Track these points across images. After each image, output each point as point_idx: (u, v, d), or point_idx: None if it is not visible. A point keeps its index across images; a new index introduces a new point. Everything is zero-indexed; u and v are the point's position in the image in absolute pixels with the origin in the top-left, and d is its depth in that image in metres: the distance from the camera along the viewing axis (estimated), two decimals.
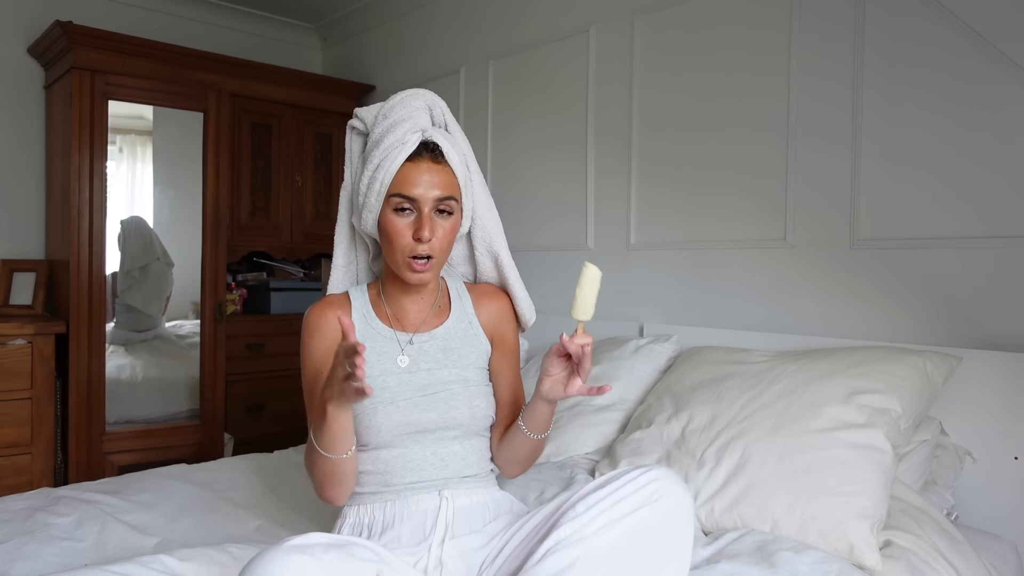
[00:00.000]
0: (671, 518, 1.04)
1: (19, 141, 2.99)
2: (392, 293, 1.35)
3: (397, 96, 1.27)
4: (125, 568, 1.19)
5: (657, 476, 1.05)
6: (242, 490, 1.75)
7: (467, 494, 1.27)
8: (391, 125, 1.24)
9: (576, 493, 1.10)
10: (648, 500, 1.03)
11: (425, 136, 1.24)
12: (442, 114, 1.30)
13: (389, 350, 1.31)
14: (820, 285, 1.92)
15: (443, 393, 1.28)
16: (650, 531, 1.02)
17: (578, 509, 1.04)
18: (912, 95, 1.75)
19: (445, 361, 1.32)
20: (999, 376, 1.59)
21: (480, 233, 1.40)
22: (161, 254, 3.07)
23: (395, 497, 1.25)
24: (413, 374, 1.29)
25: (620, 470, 1.10)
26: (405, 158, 1.22)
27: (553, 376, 1.23)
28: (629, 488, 1.04)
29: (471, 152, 1.34)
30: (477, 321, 1.39)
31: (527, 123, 2.74)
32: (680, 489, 1.06)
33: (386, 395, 1.26)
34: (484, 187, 1.39)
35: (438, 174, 1.24)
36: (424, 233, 1.21)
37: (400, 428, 1.25)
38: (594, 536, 1.01)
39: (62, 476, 2.73)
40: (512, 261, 1.44)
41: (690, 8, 2.20)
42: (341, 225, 1.42)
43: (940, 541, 1.35)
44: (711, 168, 2.16)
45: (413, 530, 1.22)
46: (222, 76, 3.03)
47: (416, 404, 1.26)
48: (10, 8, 2.96)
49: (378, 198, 1.24)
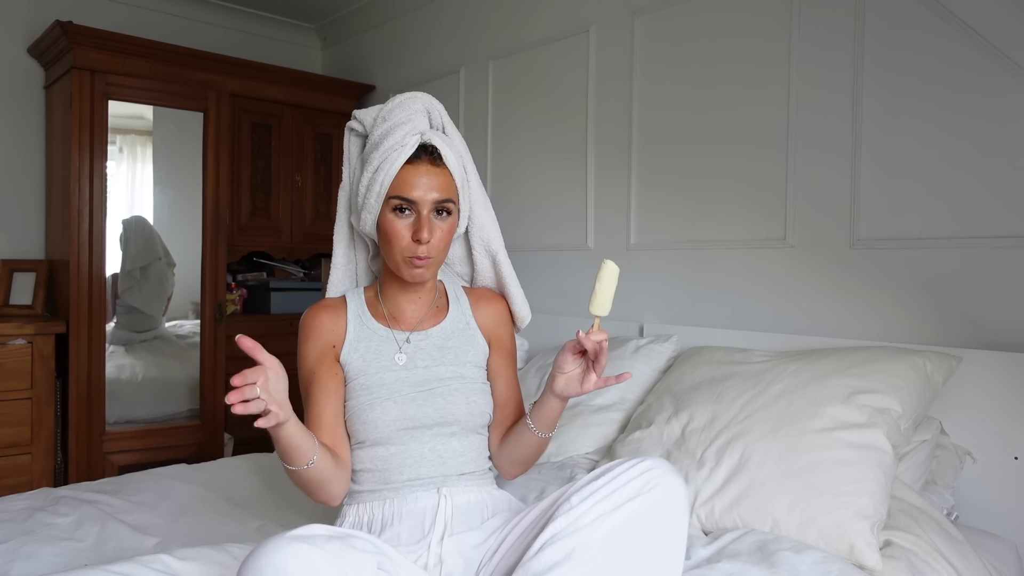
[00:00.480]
0: (664, 506, 1.04)
1: (19, 141, 2.99)
2: (390, 292, 1.37)
3: (396, 99, 1.29)
4: (125, 568, 1.19)
5: (650, 466, 1.06)
6: (242, 490, 1.75)
7: (465, 491, 1.28)
8: (390, 128, 1.25)
9: (572, 486, 1.10)
10: (642, 490, 1.04)
11: (424, 139, 1.25)
12: (440, 117, 1.32)
13: (385, 349, 1.33)
14: (820, 285, 1.92)
15: (440, 389, 1.30)
16: (645, 520, 1.03)
17: (573, 501, 1.05)
18: (912, 95, 1.75)
19: (442, 359, 1.34)
20: (999, 376, 1.59)
21: (478, 233, 1.42)
22: (163, 254, 3.07)
23: (394, 495, 1.26)
24: (410, 371, 1.31)
25: (614, 462, 1.11)
26: (404, 161, 1.24)
27: (568, 373, 1.24)
28: (623, 479, 1.05)
29: (468, 154, 1.36)
30: (475, 322, 1.41)
31: (527, 123, 2.74)
32: (673, 478, 1.06)
33: (383, 391, 1.28)
34: (480, 187, 1.40)
35: (436, 177, 1.26)
36: (423, 235, 1.23)
37: (397, 423, 1.26)
38: (589, 527, 1.02)
39: (62, 476, 2.73)
40: (509, 260, 1.46)
41: (690, 8, 2.20)
42: (340, 225, 1.43)
43: (940, 541, 1.35)
44: (711, 168, 2.16)
45: (412, 527, 1.23)
46: (222, 76, 3.03)
47: (413, 399, 1.28)
48: (10, 8, 2.96)
49: (377, 200, 1.26)
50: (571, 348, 1.23)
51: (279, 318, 3.26)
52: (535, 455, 1.35)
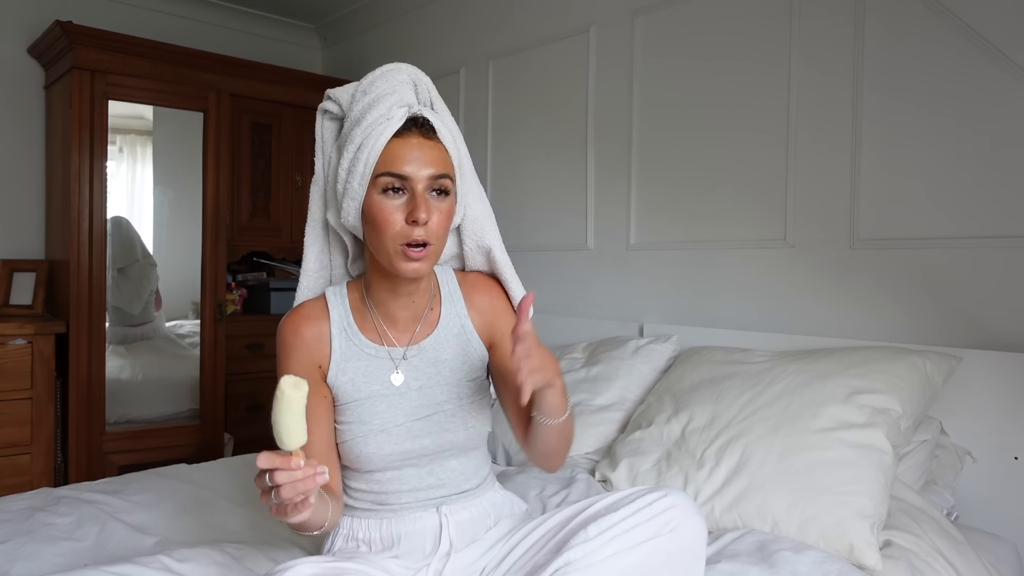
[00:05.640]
0: (684, 549, 1.01)
1: (19, 141, 2.99)
2: (379, 297, 1.19)
3: (377, 71, 1.14)
4: (125, 568, 1.19)
5: (672, 504, 1.01)
6: (242, 490, 1.75)
7: (466, 508, 1.21)
8: (373, 100, 1.11)
9: (587, 509, 1.06)
10: (662, 530, 0.99)
11: (412, 111, 1.10)
12: (427, 91, 1.17)
13: (376, 369, 1.18)
14: (820, 285, 1.92)
15: (436, 416, 1.18)
16: (663, 561, 0.99)
17: (590, 532, 1.01)
18: (912, 96, 1.75)
19: (437, 377, 1.20)
20: (999, 376, 1.59)
21: (470, 226, 1.26)
22: (141, 256, 3.05)
23: (391, 515, 1.18)
24: (403, 395, 1.17)
25: (635, 490, 1.06)
26: (392, 133, 1.08)
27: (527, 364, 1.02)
28: (643, 515, 1.01)
29: (460, 135, 1.20)
30: (470, 324, 1.24)
31: (527, 123, 2.74)
32: (695, 518, 1.02)
33: (375, 423, 1.15)
34: (474, 175, 1.26)
35: (430, 150, 1.10)
36: (420, 214, 1.06)
37: (393, 457, 1.16)
38: (605, 563, 0.98)
39: (62, 476, 2.73)
40: (506, 256, 1.29)
41: (690, 8, 2.20)
42: (312, 225, 1.27)
43: (940, 541, 1.35)
44: (711, 168, 2.16)
45: (412, 548, 1.17)
46: (222, 76, 3.02)
47: (408, 430, 1.16)
48: (10, 8, 2.96)
49: (362, 182, 1.09)
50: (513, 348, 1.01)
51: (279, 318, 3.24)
52: (563, 441, 1.18)
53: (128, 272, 3.03)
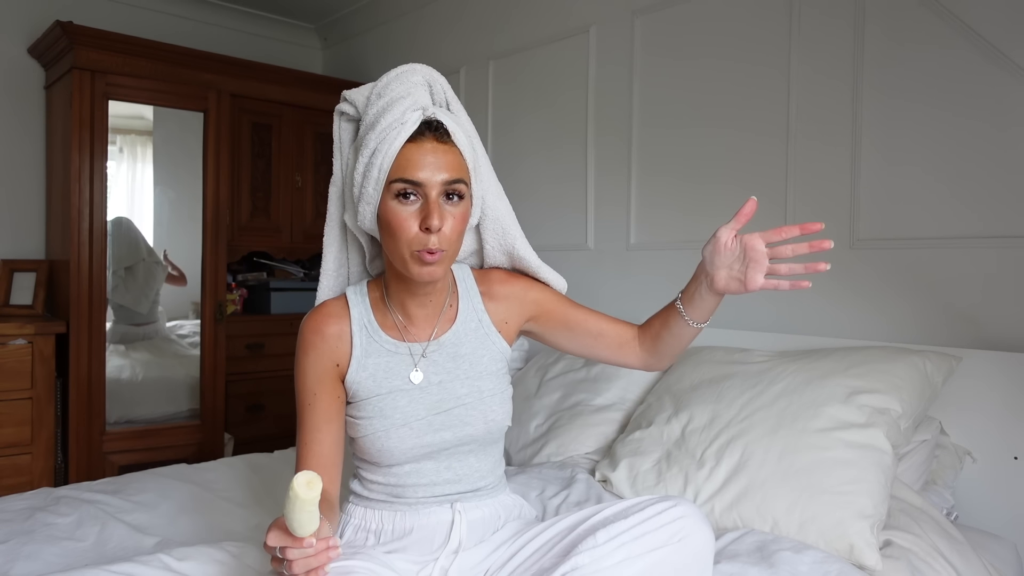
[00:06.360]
0: (692, 559, 1.01)
1: (19, 141, 2.99)
2: (397, 297, 1.21)
3: (392, 72, 1.14)
4: (125, 568, 1.20)
5: (682, 514, 1.03)
6: (242, 490, 1.75)
7: (479, 506, 1.22)
8: (387, 104, 1.11)
9: (596, 515, 1.07)
10: (671, 539, 1.00)
11: (427, 114, 1.10)
12: (443, 91, 1.17)
13: (396, 365, 1.20)
14: (820, 285, 1.92)
15: (457, 409, 1.19)
16: (669, 572, 1.00)
17: (599, 538, 1.01)
18: (912, 96, 1.75)
19: (456, 371, 1.21)
20: (999, 376, 1.59)
21: (491, 225, 1.27)
22: (146, 254, 3.06)
23: (406, 508, 1.20)
24: (424, 390, 1.19)
25: (645, 498, 1.08)
26: (406, 139, 1.08)
27: (731, 270, 1.13)
28: (653, 523, 1.02)
29: (477, 135, 1.21)
30: (488, 319, 1.26)
31: (527, 123, 2.74)
32: (704, 529, 1.03)
33: (397, 417, 1.16)
34: (492, 173, 1.26)
35: (444, 155, 1.10)
36: (433, 221, 1.06)
37: (414, 451, 1.17)
38: (613, 569, 0.98)
39: (62, 476, 2.73)
40: (531, 250, 1.31)
41: (690, 8, 2.20)
42: (331, 225, 1.28)
43: (940, 541, 1.35)
44: (711, 169, 2.16)
45: (422, 541, 1.18)
46: (222, 76, 3.02)
47: (429, 424, 1.17)
48: (10, 8, 2.96)
49: (376, 186, 1.10)
50: (724, 246, 1.12)
51: (279, 318, 3.26)
52: (688, 343, 1.26)
53: (135, 271, 3.04)
